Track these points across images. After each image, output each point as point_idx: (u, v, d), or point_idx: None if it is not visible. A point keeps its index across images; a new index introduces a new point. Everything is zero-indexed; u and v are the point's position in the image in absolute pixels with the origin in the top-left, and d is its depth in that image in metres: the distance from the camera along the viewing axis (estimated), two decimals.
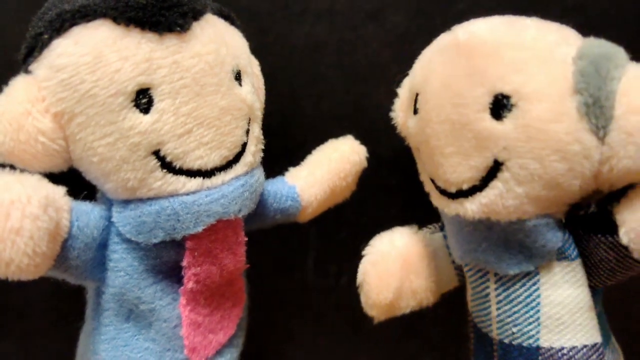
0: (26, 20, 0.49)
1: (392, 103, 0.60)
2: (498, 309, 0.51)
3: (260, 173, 0.55)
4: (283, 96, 0.65)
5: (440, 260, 0.59)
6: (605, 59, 0.43)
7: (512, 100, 0.44)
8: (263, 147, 0.57)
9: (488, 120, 0.45)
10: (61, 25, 0.45)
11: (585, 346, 0.50)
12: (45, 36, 0.46)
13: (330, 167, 0.62)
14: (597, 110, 0.43)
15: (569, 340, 0.49)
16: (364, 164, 0.64)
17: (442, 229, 0.60)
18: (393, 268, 0.57)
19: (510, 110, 0.44)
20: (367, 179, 0.65)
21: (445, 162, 0.49)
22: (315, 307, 0.76)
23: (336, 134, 0.65)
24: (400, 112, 0.58)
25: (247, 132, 0.53)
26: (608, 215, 0.47)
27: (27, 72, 0.47)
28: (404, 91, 0.58)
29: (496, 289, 0.51)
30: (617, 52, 0.45)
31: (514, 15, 0.49)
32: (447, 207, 0.51)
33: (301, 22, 0.68)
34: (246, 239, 0.54)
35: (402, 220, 0.71)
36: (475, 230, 0.50)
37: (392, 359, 0.72)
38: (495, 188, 0.46)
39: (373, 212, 0.72)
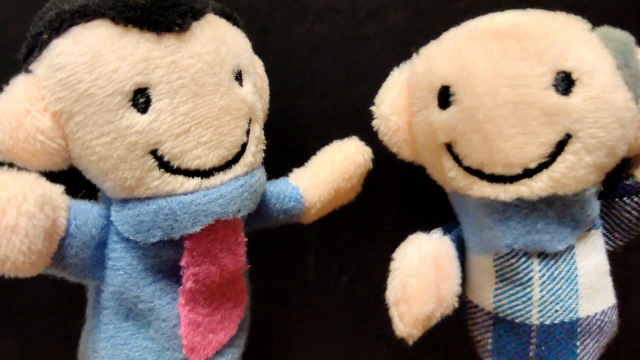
0: (26, 20, 0.49)
1: None
2: (541, 290, 0.52)
3: (261, 173, 0.55)
4: (283, 96, 0.65)
5: (457, 262, 0.58)
6: (629, 41, 0.50)
7: (574, 76, 0.47)
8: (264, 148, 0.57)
9: (555, 97, 0.47)
10: (60, 25, 0.46)
11: (609, 307, 0.54)
12: (45, 36, 0.46)
13: (334, 168, 0.61)
14: (638, 81, 0.49)
15: (599, 305, 0.54)
16: (369, 165, 0.64)
17: (445, 232, 0.60)
18: (433, 275, 0.54)
19: (573, 85, 0.47)
20: (367, 179, 0.65)
21: (508, 145, 0.49)
22: (316, 307, 0.76)
23: (336, 133, 0.65)
24: (393, 116, 0.57)
25: (248, 132, 0.53)
26: (628, 180, 0.54)
27: (27, 71, 0.47)
28: (397, 94, 0.57)
29: (540, 270, 0.52)
30: (630, 35, 0.51)
31: None
32: (504, 193, 0.50)
33: (301, 21, 0.68)
34: (246, 239, 0.54)
35: (402, 220, 0.71)
36: (533, 211, 0.51)
37: (394, 359, 0.73)
38: (566, 161, 0.48)
39: (373, 212, 0.72)
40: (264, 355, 0.73)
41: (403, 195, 0.72)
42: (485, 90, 0.49)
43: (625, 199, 0.54)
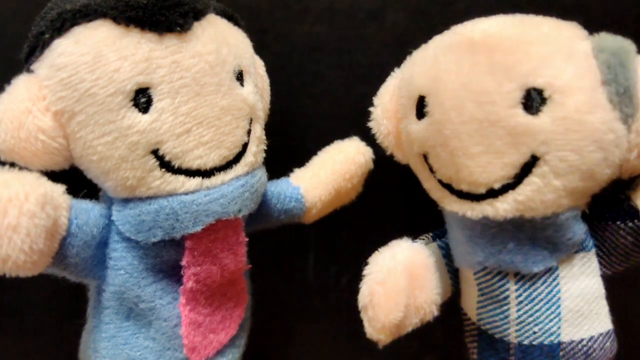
0: (26, 20, 0.49)
1: None
2: (518, 310, 0.50)
3: (262, 173, 0.55)
4: (283, 95, 0.65)
5: (439, 271, 0.57)
6: (625, 51, 0.45)
7: (546, 94, 0.44)
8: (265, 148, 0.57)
9: (522, 116, 0.45)
10: (62, 24, 0.46)
11: (600, 334, 0.51)
12: (47, 36, 0.46)
13: (335, 168, 0.61)
14: (627, 99, 0.44)
15: (587, 331, 0.51)
16: (370, 165, 0.64)
17: (434, 238, 0.59)
18: (401, 285, 0.52)
19: (544, 103, 0.44)
20: (367, 179, 0.65)
21: (472, 163, 0.47)
22: (316, 307, 0.76)
23: (336, 133, 0.65)
24: (384, 120, 0.57)
25: (249, 132, 0.53)
26: (624, 203, 0.50)
27: (28, 71, 0.47)
28: (389, 98, 0.56)
29: (517, 289, 0.50)
30: (630, 45, 0.46)
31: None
32: (470, 211, 0.49)
33: (301, 22, 0.68)
34: (247, 239, 0.54)
35: (401, 220, 0.71)
36: (501, 231, 0.49)
37: (393, 359, 0.73)
38: (532, 184, 0.46)
39: (373, 212, 0.72)
40: (263, 355, 0.74)
41: (403, 196, 0.72)
42: (453, 104, 0.47)
43: (619, 222, 0.50)
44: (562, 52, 0.45)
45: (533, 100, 0.45)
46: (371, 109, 0.58)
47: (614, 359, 0.54)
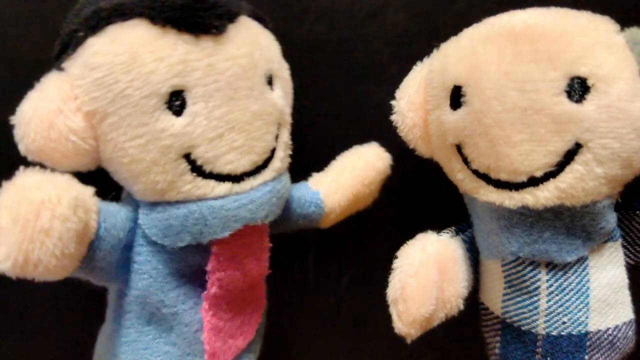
0: (26, 20, 0.48)
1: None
2: (548, 300, 0.51)
3: (287, 179, 0.55)
4: None
5: (465, 264, 0.57)
6: None
7: (589, 82, 0.46)
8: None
9: (567, 103, 0.46)
10: (97, 23, 0.45)
11: (624, 323, 0.53)
12: (81, 34, 0.45)
13: (354, 174, 0.61)
14: None
15: (612, 320, 0.52)
16: (388, 171, 0.64)
17: (457, 232, 0.60)
18: (433, 277, 0.53)
19: (588, 92, 0.46)
20: None
21: (513, 151, 0.47)
22: (316, 307, 0.76)
23: (336, 133, 0.65)
24: (409, 112, 0.56)
25: (277, 137, 0.53)
26: None
27: (60, 69, 0.46)
28: (415, 90, 0.56)
29: (548, 280, 0.51)
30: None
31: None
32: (509, 200, 0.49)
33: (301, 21, 0.68)
34: (270, 244, 0.54)
35: (402, 221, 0.71)
36: (539, 220, 0.49)
37: (393, 359, 0.73)
38: (575, 171, 0.47)
39: (374, 212, 0.72)
40: (264, 355, 0.73)
41: (403, 196, 0.72)
42: (495, 93, 0.47)
43: None
44: (602, 43, 0.47)
45: (576, 89, 0.46)
46: (393, 102, 0.58)
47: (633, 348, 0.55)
